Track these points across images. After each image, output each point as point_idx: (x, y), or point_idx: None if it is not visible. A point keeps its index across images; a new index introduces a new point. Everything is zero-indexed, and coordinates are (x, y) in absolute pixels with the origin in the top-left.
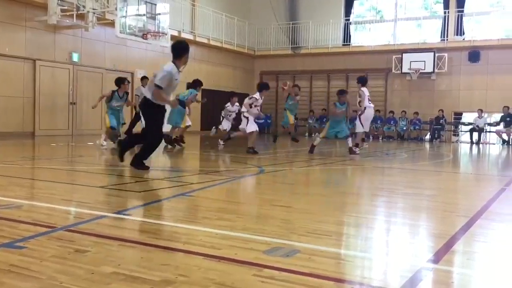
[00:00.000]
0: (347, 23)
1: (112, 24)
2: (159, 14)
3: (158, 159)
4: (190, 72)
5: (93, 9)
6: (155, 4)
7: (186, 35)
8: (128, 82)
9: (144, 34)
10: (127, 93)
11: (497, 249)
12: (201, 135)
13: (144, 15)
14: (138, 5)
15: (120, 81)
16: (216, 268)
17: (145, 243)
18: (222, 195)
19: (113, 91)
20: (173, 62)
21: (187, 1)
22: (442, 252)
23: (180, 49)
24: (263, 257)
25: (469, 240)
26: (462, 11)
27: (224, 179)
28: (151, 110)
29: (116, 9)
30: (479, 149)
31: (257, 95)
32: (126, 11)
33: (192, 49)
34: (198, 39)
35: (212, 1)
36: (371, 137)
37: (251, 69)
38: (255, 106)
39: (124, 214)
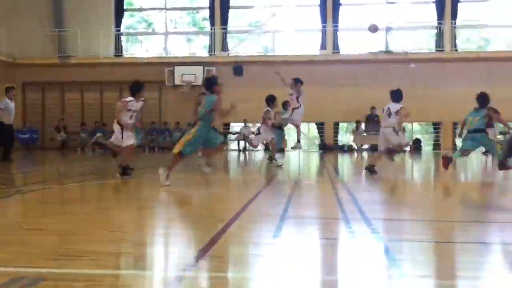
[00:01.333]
0: (118, 33)
1: None
2: None
3: None
4: None
5: None
6: None
7: None
8: None
9: None
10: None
11: (248, 251)
12: None
13: None
14: None
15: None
16: None
17: None
18: None
19: None
20: None
21: None
22: (199, 258)
23: None
24: None
25: (223, 243)
26: (226, 29)
27: None
28: None
29: None
30: (245, 156)
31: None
32: None
33: None
34: None
35: None
36: (146, 149)
37: (12, 79)
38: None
39: None
